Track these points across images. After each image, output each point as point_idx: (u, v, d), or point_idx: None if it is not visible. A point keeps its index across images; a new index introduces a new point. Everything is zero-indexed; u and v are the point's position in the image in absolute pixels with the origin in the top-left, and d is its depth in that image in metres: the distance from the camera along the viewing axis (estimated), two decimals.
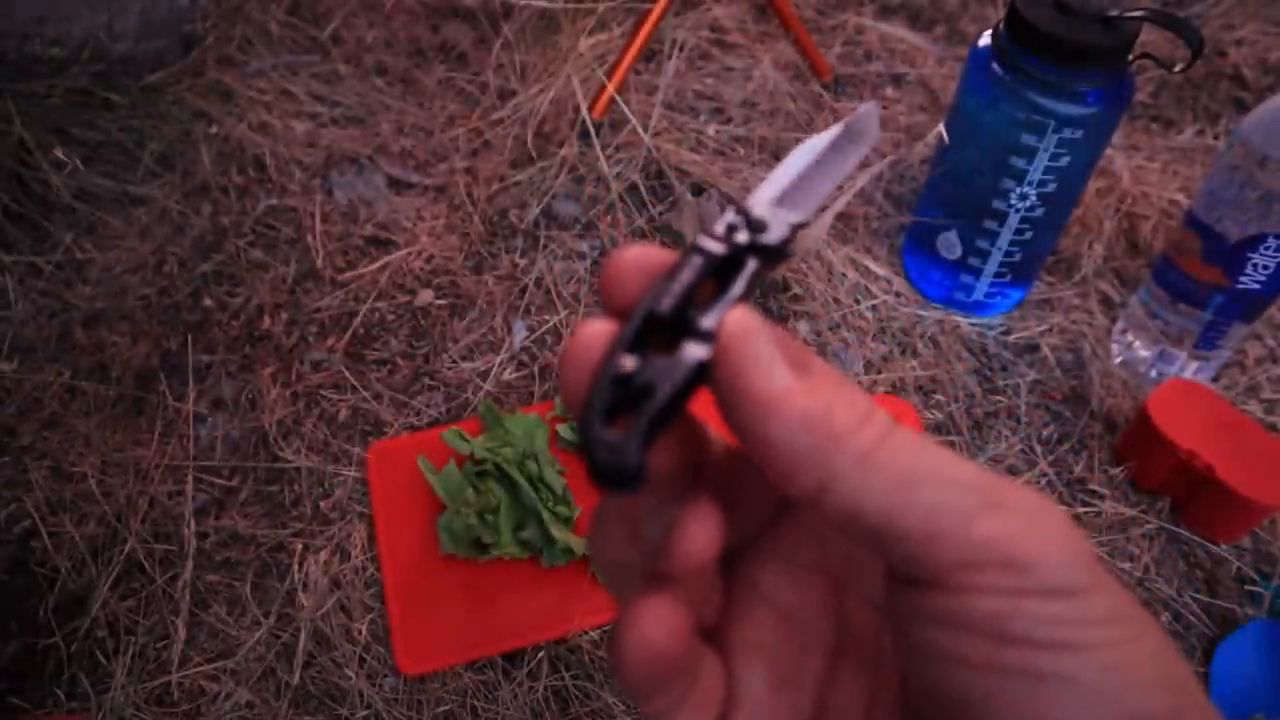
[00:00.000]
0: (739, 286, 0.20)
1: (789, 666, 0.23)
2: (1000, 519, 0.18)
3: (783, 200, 0.23)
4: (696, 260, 0.20)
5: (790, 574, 0.23)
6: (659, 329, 0.20)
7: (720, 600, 0.23)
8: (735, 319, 0.19)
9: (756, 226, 0.21)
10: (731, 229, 0.21)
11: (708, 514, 0.20)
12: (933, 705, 0.19)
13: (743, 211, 0.22)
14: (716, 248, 0.21)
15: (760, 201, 0.22)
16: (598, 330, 0.20)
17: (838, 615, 0.24)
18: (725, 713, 0.22)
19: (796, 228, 0.22)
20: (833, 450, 0.18)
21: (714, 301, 0.20)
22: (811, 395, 0.19)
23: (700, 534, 0.20)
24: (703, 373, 0.19)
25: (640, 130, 0.87)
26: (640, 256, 0.20)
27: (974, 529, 0.18)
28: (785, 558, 0.23)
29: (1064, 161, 0.64)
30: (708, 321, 0.19)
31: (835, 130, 0.25)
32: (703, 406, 0.21)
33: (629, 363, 0.19)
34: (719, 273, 0.21)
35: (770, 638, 0.23)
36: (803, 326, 0.77)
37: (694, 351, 0.19)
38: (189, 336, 0.75)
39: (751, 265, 0.21)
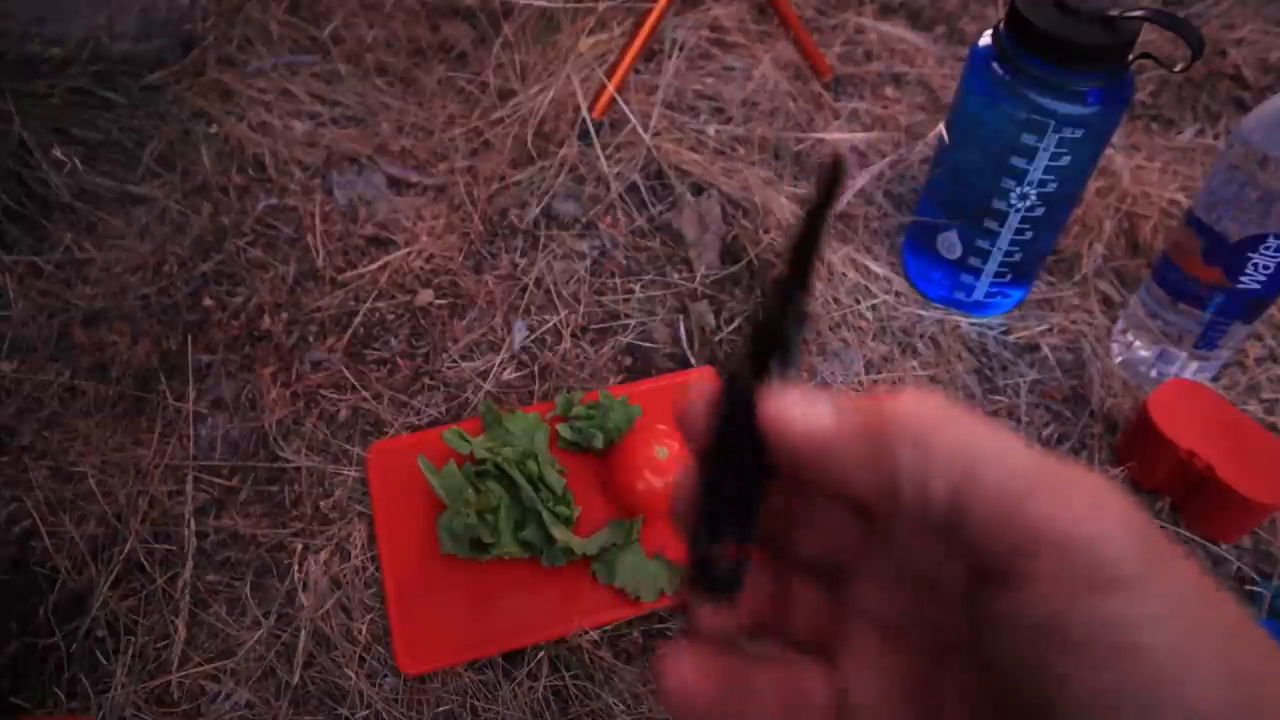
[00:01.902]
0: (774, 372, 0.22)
1: (895, 675, 0.23)
2: (1055, 500, 0.18)
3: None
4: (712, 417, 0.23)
5: (884, 586, 0.24)
6: (729, 440, 0.22)
7: (825, 618, 0.25)
8: (768, 407, 0.21)
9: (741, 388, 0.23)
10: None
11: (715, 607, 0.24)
12: (1013, 706, 0.20)
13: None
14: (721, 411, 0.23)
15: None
16: (687, 472, 0.23)
17: (935, 619, 0.24)
18: None
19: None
20: (889, 442, 0.19)
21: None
22: (858, 411, 0.20)
23: (709, 618, 0.24)
24: (767, 470, 0.22)
25: (640, 130, 0.87)
26: (704, 395, 0.23)
27: (1028, 510, 0.18)
28: (877, 571, 0.24)
29: (1064, 161, 0.64)
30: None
31: None
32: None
33: (716, 491, 0.23)
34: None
35: (874, 649, 0.24)
36: None
37: (749, 462, 0.22)
38: (189, 336, 0.75)
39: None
